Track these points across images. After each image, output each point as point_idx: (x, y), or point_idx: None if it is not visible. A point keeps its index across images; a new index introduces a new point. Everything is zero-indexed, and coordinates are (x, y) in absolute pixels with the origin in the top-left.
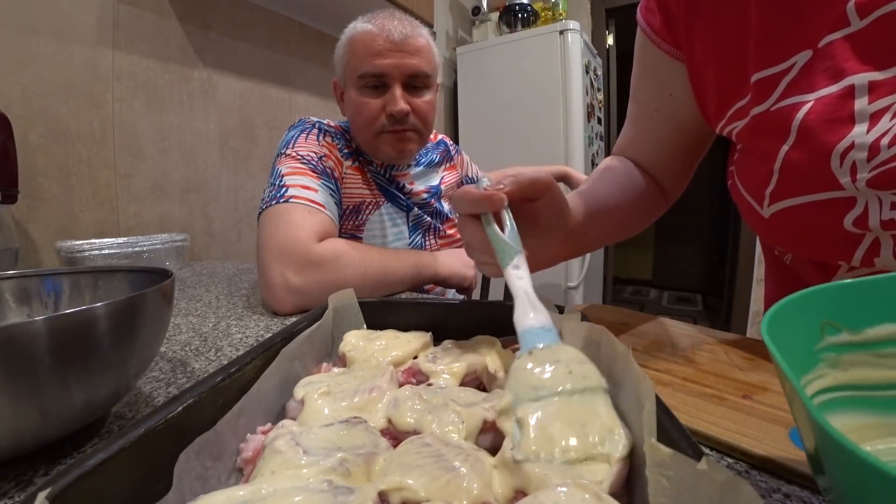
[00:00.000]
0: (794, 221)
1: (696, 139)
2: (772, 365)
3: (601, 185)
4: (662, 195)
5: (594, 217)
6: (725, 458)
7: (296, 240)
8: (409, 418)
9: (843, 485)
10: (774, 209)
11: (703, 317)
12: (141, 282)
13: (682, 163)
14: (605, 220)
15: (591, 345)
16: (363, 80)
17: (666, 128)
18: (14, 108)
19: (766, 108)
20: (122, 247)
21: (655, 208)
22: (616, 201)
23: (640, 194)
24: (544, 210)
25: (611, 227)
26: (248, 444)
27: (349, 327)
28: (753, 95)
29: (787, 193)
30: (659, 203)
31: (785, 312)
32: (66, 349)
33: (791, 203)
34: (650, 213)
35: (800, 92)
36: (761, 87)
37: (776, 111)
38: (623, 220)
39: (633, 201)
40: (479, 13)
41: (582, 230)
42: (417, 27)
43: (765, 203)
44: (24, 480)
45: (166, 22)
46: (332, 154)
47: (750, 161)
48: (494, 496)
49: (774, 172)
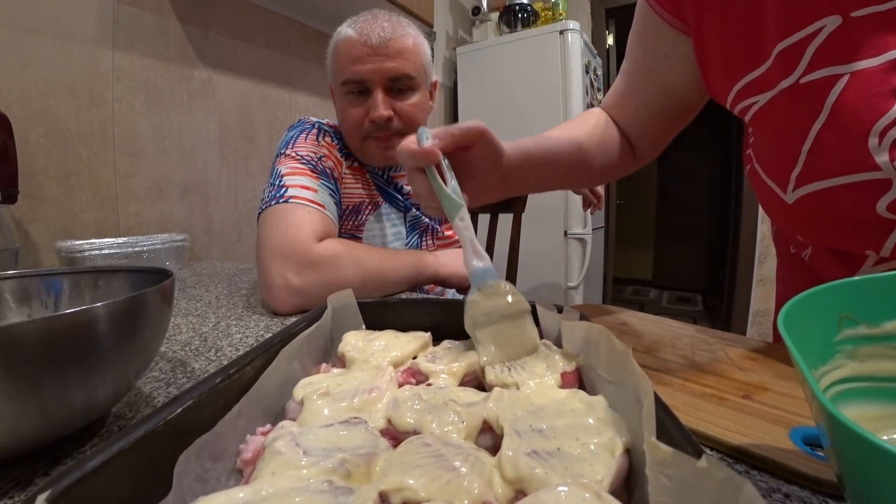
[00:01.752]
0: (821, 206)
1: (680, 108)
2: (772, 364)
3: (561, 133)
4: (633, 156)
5: (536, 163)
6: (725, 458)
7: (295, 240)
8: (408, 418)
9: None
10: (800, 193)
11: (703, 317)
12: (141, 282)
13: (659, 128)
14: (549, 167)
15: (590, 344)
16: (346, 86)
17: (653, 88)
18: (14, 108)
19: (794, 80)
20: (122, 247)
21: (622, 166)
22: (570, 151)
23: (609, 149)
24: (479, 156)
25: (557, 175)
26: (248, 446)
27: (348, 328)
28: (778, 67)
29: (815, 176)
30: (627, 162)
31: (803, 305)
32: (66, 349)
33: (819, 186)
34: (616, 169)
35: (832, 63)
36: (786, 57)
37: (807, 85)
38: (574, 169)
39: (599, 155)
40: (479, 13)
41: (519, 173)
42: (402, 28)
43: (789, 187)
44: (24, 480)
45: (166, 22)
46: (331, 154)
47: (773, 143)
48: (495, 496)
49: (802, 153)
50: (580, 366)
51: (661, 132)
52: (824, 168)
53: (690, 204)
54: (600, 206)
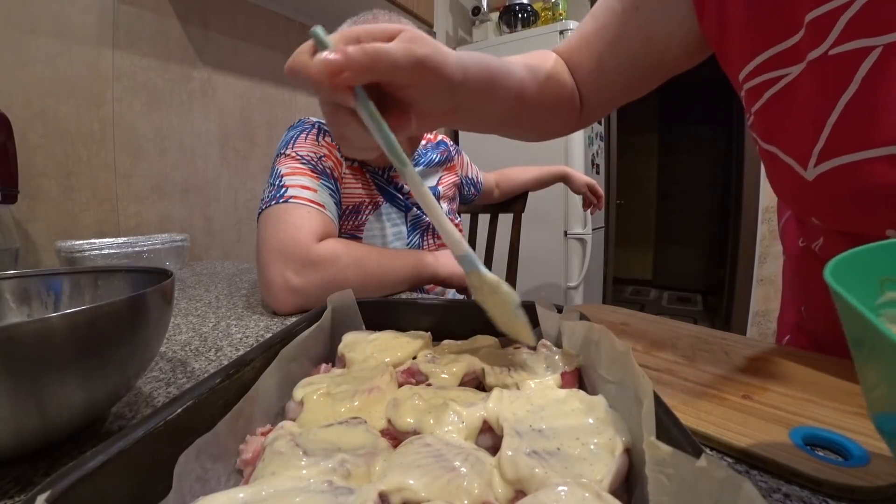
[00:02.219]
0: (845, 182)
1: (654, 64)
2: (772, 364)
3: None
4: (577, 114)
5: (498, 87)
6: (725, 458)
7: (295, 240)
8: (408, 418)
9: None
10: (822, 169)
11: (703, 317)
12: (141, 282)
13: (622, 85)
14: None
15: (591, 344)
16: None
17: (635, 32)
18: (14, 108)
19: (822, 51)
20: (122, 247)
21: (565, 121)
22: (528, 81)
23: (558, 96)
24: (420, 97)
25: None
26: (248, 446)
27: (348, 328)
28: (808, 37)
29: (840, 150)
30: (570, 118)
31: (845, 265)
32: (66, 349)
33: (844, 161)
34: (556, 122)
35: (865, 35)
36: (816, 26)
37: (836, 57)
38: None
39: (546, 98)
40: (479, 13)
41: (477, 101)
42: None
43: (811, 163)
44: (24, 480)
45: (166, 22)
46: (331, 154)
47: (794, 117)
48: (495, 496)
49: (827, 127)
50: (580, 366)
51: (621, 90)
52: (851, 142)
53: (690, 204)
54: (600, 206)
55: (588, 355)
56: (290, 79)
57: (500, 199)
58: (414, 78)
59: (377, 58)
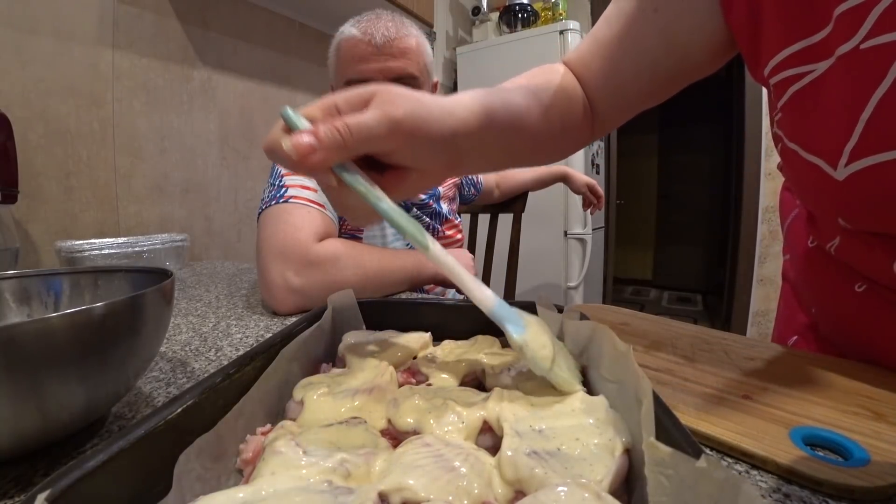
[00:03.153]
0: (879, 181)
1: (675, 67)
2: (772, 364)
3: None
4: (590, 125)
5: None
6: (725, 458)
7: (296, 240)
8: (409, 418)
9: None
10: (854, 168)
11: (703, 317)
12: (141, 282)
13: (639, 91)
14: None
15: (591, 343)
16: (349, 86)
17: (654, 33)
18: (14, 108)
19: (853, 45)
20: (122, 247)
21: (577, 138)
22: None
23: (569, 111)
24: (410, 159)
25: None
26: (248, 445)
27: (348, 328)
28: (837, 31)
29: (874, 148)
30: (583, 134)
31: None
32: (66, 349)
33: (879, 159)
34: (571, 141)
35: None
36: (846, 20)
37: (867, 51)
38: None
39: (554, 120)
40: (479, 13)
41: (480, 145)
42: (405, 27)
43: (841, 162)
44: (24, 480)
45: (166, 22)
46: None
47: (823, 115)
48: (495, 496)
49: (859, 124)
50: (582, 366)
51: (638, 98)
52: (886, 139)
53: (690, 204)
54: (600, 207)
55: (589, 355)
56: (269, 157)
57: (501, 199)
58: (396, 143)
59: (349, 135)
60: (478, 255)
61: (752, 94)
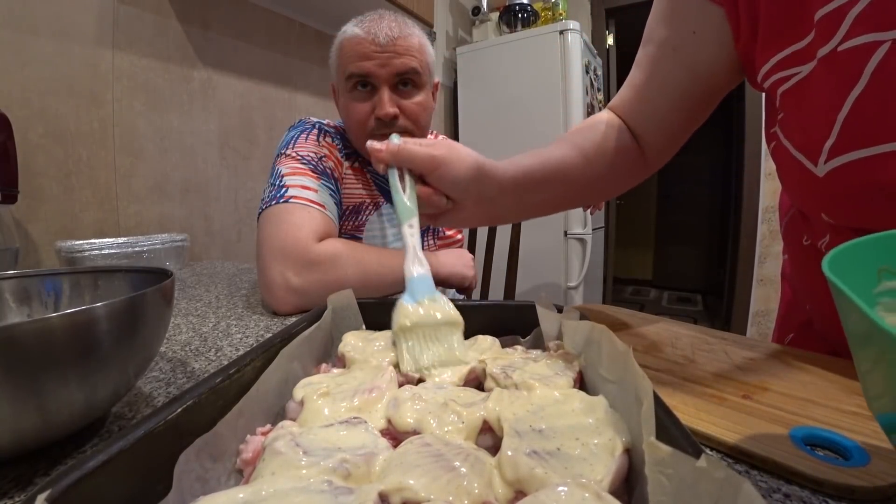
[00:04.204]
0: (855, 178)
1: (706, 92)
2: (772, 364)
3: (562, 144)
4: (643, 161)
5: (540, 182)
6: (725, 458)
7: (296, 240)
8: (409, 418)
9: None
10: (833, 165)
11: (703, 317)
12: (141, 282)
13: (680, 120)
14: (554, 185)
15: (591, 343)
16: (350, 81)
17: (680, 70)
18: (14, 108)
19: (831, 47)
20: (122, 247)
21: (632, 175)
22: (576, 162)
23: (617, 157)
24: (438, 183)
25: (561, 193)
26: (248, 446)
27: (348, 328)
28: (818, 35)
29: (850, 146)
30: (637, 170)
31: (842, 258)
32: (66, 349)
33: (854, 156)
34: (624, 178)
35: (874, 29)
36: (826, 23)
37: (845, 52)
38: (574, 188)
39: (603, 167)
40: (479, 13)
41: (515, 195)
42: (408, 27)
43: (821, 159)
44: (24, 480)
45: (166, 22)
46: (331, 154)
47: (806, 114)
48: (495, 496)
49: (837, 123)
50: (581, 366)
51: (681, 126)
52: (861, 137)
53: (690, 204)
54: (600, 207)
55: (589, 355)
56: (368, 148)
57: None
58: (426, 167)
59: (399, 153)
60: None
61: (752, 95)
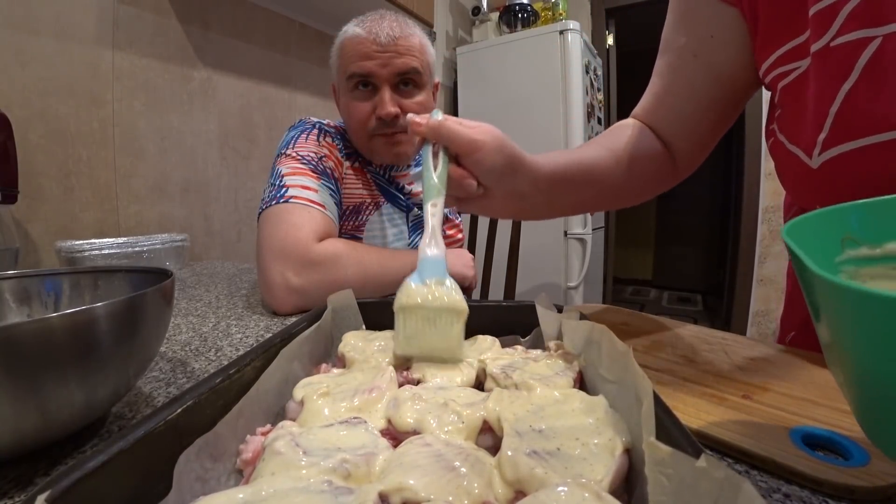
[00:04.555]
0: (848, 169)
1: (730, 94)
2: (772, 364)
3: (595, 146)
4: (673, 167)
5: (572, 179)
6: (725, 458)
7: (296, 240)
8: (409, 418)
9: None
10: (826, 157)
11: (703, 317)
12: (141, 282)
13: (708, 124)
14: (587, 185)
15: (591, 343)
16: (351, 81)
17: (702, 75)
18: (14, 108)
19: (824, 43)
20: (122, 247)
21: (662, 180)
22: (608, 164)
23: (647, 162)
24: (473, 167)
25: (593, 194)
26: (248, 446)
27: (348, 328)
28: (812, 30)
29: (843, 138)
30: (667, 176)
31: (805, 226)
32: (66, 349)
33: (847, 148)
34: (654, 184)
35: (865, 25)
36: (819, 19)
37: (837, 48)
38: (605, 191)
39: (636, 169)
40: (479, 13)
41: (549, 192)
42: (409, 28)
43: (815, 151)
44: (24, 480)
45: (166, 22)
46: (332, 154)
47: (800, 108)
48: (495, 496)
49: (830, 116)
50: (581, 367)
51: (710, 130)
52: (853, 129)
53: (690, 204)
54: None
55: (589, 355)
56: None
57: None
58: (464, 149)
59: (440, 130)
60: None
61: None
